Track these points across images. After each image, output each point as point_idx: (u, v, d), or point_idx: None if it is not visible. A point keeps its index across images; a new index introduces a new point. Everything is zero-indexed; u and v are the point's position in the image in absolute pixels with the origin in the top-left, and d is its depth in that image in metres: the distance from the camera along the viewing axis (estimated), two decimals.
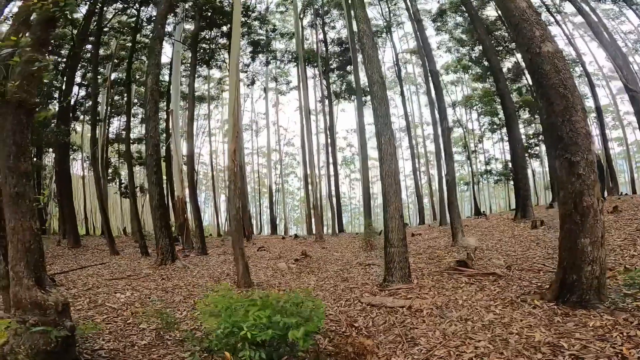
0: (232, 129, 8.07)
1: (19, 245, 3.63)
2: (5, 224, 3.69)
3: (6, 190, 3.53)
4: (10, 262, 3.76)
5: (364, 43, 7.55)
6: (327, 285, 7.84)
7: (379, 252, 12.32)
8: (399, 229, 6.55)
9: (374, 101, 7.13)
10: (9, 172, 3.44)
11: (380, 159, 6.82)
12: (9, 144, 3.44)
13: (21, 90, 3.44)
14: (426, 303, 5.24)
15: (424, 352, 3.87)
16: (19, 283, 3.68)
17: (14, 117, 3.47)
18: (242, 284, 7.86)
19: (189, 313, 6.44)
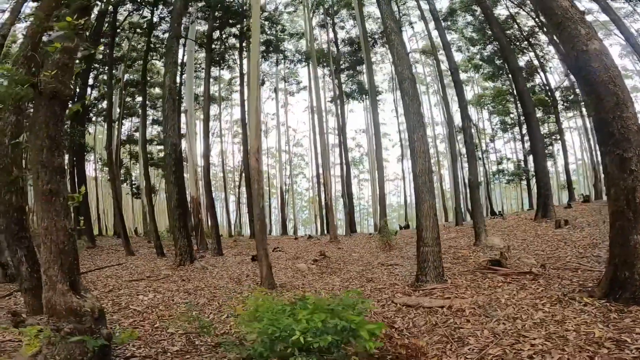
0: (254, 127, 7.96)
1: (52, 246, 3.44)
2: (39, 223, 3.51)
3: (39, 187, 3.35)
4: (43, 265, 3.59)
5: (392, 39, 7.42)
6: (353, 286, 7.68)
7: (397, 252, 12.17)
8: (433, 227, 6.40)
9: (406, 98, 6.99)
10: (42, 168, 3.27)
11: (413, 157, 6.68)
12: (42, 137, 3.27)
13: (56, 80, 3.30)
14: (467, 302, 5.09)
15: (476, 352, 3.73)
16: (52, 288, 3.51)
17: (47, 108, 3.31)
18: (265, 285, 7.72)
19: (215, 316, 6.31)
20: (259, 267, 8.13)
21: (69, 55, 3.49)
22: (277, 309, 3.55)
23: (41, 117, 3.27)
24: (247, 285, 8.46)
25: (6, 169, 5.66)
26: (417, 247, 6.62)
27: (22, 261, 5.98)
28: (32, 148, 3.28)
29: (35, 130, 3.29)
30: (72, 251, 3.51)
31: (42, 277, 3.50)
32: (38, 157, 3.26)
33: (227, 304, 6.99)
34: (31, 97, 3.30)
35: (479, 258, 8.83)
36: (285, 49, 27.56)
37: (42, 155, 3.27)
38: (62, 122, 3.48)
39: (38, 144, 3.27)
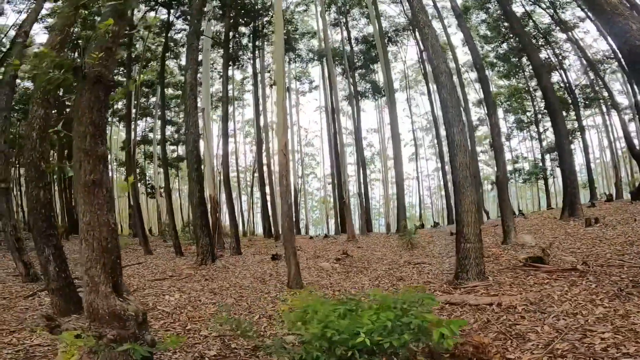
0: (281, 123, 7.76)
1: (94, 243, 3.19)
2: (79, 218, 3.29)
3: (80, 177, 3.14)
4: (85, 265, 3.31)
5: (425, 33, 7.20)
6: (384, 285, 7.45)
7: (420, 251, 11.90)
8: (475, 223, 6.14)
9: (443, 91, 6.77)
10: (85, 156, 3.07)
11: (452, 150, 6.45)
12: (85, 123, 3.07)
13: (100, 64, 3.11)
14: (517, 299, 4.86)
15: (542, 347, 3.55)
16: (94, 290, 3.24)
17: (91, 92, 3.12)
18: (293, 285, 7.51)
19: (246, 317, 6.10)
20: (286, 266, 7.92)
21: (113, 38, 3.30)
22: (329, 309, 3.31)
23: (84, 102, 3.08)
24: (274, 285, 8.27)
25: (34, 163, 5.52)
26: (457, 243, 6.37)
27: (50, 260, 5.83)
28: (75, 135, 3.08)
29: (78, 116, 3.09)
30: (115, 249, 3.29)
31: (84, 277, 3.25)
32: (81, 145, 3.06)
33: (257, 304, 6.80)
34: (70, 82, 3.11)
35: (511, 256, 8.54)
36: (299, 48, 27.42)
37: (85, 142, 3.06)
38: (106, 109, 3.29)
39: (81, 130, 3.07)
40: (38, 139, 5.48)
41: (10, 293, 7.82)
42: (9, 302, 7.04)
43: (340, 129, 18.84)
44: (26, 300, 7.19)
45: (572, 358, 3.26)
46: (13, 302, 7.09)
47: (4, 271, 9.90)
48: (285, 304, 6.41)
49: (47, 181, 5.63)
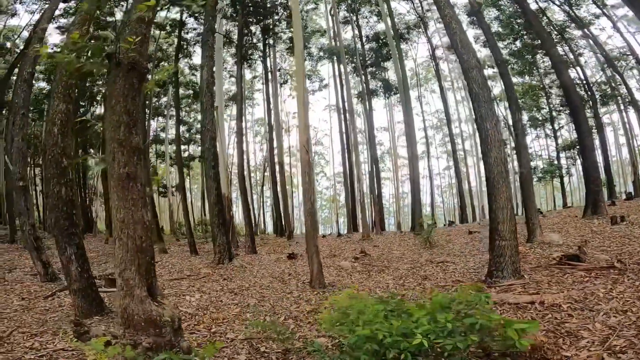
0: (302, 119, 7.57)
1: (129, 243, 2.98)
2: (112, 215, 3.10)
3: (114, 170, 2.97)
4: (118, 266, 3.12)
5: (452, 27, 6.99)
6: (410, 284, 7.23)
7: (439, 249, 11.65)
8: (511, 220, 5.90)
9: (474, 86, 6.55)
10: (119, 147, 2.88)
11: (485, 146, 6.24)
12: (119, 112, 2.90)
13: (134, 50, 2.94)
14: (560, 297, 4.65)
15: (597, 344, 3.41)
16: (129, 294, 3.04)
17: (125, 80, 2.95)
18: (316, 285, 7.33)
19: (271, 318, 5.91)
20: (306, 265, 7.73)
21: (146, 24, 3.14)
22: (374, 310, 3.10)
23: (118, 90, 2.91)
24: (295, 285, 8.09)
25: (55, 159, 5.39)
26: (491, 241, 6.14)
27: (72, 260, 5.68)
28: (108, 125, 2.91)
29: (111, 104, 2.92)
30: (149, 249, 3.11)
31: (117, 280, 3.06)
32: (114, 135, 2.88)
33: (280, 305, 6.62)
34: (101, 69, 2.95)
35: (539, 254, 8.28)
36: (309, 47, 27.22)
37: (119, 132, 2.89)
38: (140, 97, 3.11)
39: (114, 119, 2.90)
40: (59, 135, 5.35)
41: (29, 293, 7.73)
42: (28, 303, 6.94)
43: (354, 127, 18.62)
44: (46, 301, 7.08)
45: (632, 354, 3.13)
46: (32, 302, 6.99)
47: (21, 270, 9.83)
48: (322, 304, 6.23)
49: (68, 178, 5.49)
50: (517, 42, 27.78)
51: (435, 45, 32.48)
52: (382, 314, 3.08)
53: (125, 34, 3.02)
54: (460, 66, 19.91)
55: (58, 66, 5.58)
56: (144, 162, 3.29)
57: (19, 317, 5.96)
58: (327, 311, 4.03)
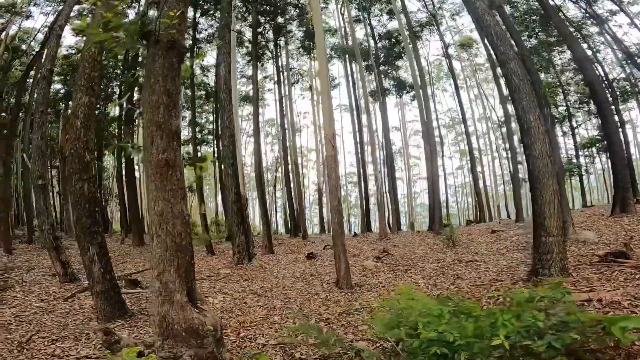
0: (327, 113, 7.31)
1: (167, 240, 2.67)
2: (149, 207, 2.80)
3: (152, 156, 2.68)
4: (156, 267, 2.78)
5: (486, 20, 6.73)
6: (442, 284, 6.91)
7: (464, 249, 11.29)
8: (558, 215, 5.57)
9: (514, 78, 6.27)
10: (157, 130, 2.62)
11: (528, 139, 5.95)
12: (159, 91, 2.65)
13: (173, 27, 2.70)
14: (618, 295, 4.33)
15: None
16: (168, 300, 2.71)
17: (165, 59, 2.71)
18: (344, 285, 7.04)
19: (300, 320, 5.64)
20: (335, 265, 7.45)
21: (184, 2, 2.88)
22: (438, 311, 2.82)
23: (158, 69, 2.66)
24: (319, 286, 7.81)
25: (78, 154, 5.18)
26: (536, 237, 5.82)
27: (94, 260, 5.44)
28: (146, 107, 2.65)
29: (150, 84, 2.68)
30: (189, 247, 2.81)
31: (155, 284, 2.75)
32: (153, 117, 2.62)
33: (307, 306, 6.34)
34: (137, 48, 2.71)
35: (575, 252, 7.92)
36: None
37: (158, 114, 2.62)
38: (179, 78, 2.86)
39: (154, 100, 2.64)
40: (82, 128, 5.14)
41: (48, 294, 7.56)
42: (47, 305, 6.75)
43: (370, 125, 18.33)
44: (65, 303, 6.88)
45: None
46: (52, 304, 6.79)
47: (39, 271, 9.70)
48: (352, 305, 5.95)
49: (91, 174, 5.28)
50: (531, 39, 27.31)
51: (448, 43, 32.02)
52: (448, 314, 2.79)
53: (163, 12, 2.77)
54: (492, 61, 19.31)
55: (81, 56, 5.39)
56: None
57: (39, 320, 5.76)
58: (380, 313, 3.74)
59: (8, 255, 11.49)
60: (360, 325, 5.13)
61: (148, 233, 20.96)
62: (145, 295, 7.30)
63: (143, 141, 2.69)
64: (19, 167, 18.82)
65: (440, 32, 30.32)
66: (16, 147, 18.33)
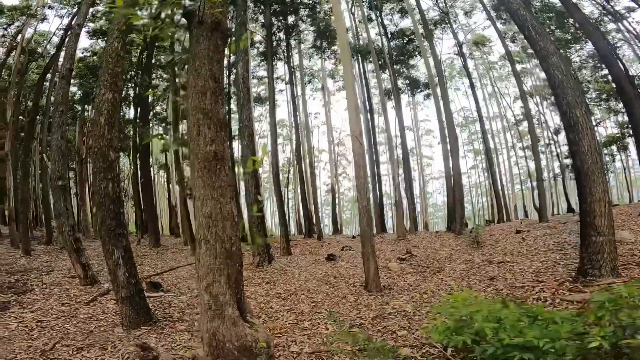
0: (353, 109, 7.04)
1: (217, 246, 2.40)
2: (195, 207, 2.52)
3: (199, 148, 2.41)
4: (204, 278, 2.48)
5: (522, 14, 6.54)
6: (478, 286, 6.60)
7: (489, 249, 10.91)
8: (609, 214, 5.25)
9: (557, 73, 6.04)
10: (204, 119, 2.35)
11: (575, 134, 5.67)
12: (205, 76, 2.41)
13: (217, 6, 2.46)
14: None
15: None
16: (219, 314, 2.42)
17: (209, 40, 2.49)
18: (373, 288, 6.77)
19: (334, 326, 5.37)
20: (363, 267, 7.18)
21: None
22: (514, 316, 2.54)
23: (203, 51, 2.43)
24: (346, 288, 7.55)
25: (102, 152, 4.98)
26: (584, 236, 5.51)
27: (119, 264, 5.23)
28: (192, 92, 2.42)
29: (195, 67, 2.44)
30: (239, 254, 2.53)
31: (202, 297, 2.45)
32: (199, 104, 2.37)
33: (337, 311, 6.07)
34: (177, 32, 2.47)
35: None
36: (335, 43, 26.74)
37: (204, 100, 2.37)
38: (223, 62, 2.62)
39: (200, 85, 2.40)
40: (106, 126, 4.94)
41: (69, 297, 7.39)
42: (69, 309, 6.57)
43: (388, 124, 18.02)
44: (88, 307, 6.69)
45: None
46: (74, 308, 6.61)
47: (59, 272, 9.56)
48: (384, 309, 5.67)
49: (116, 173, 5.08)
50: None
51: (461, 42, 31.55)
52: (525, 319, 2.52)
53: None
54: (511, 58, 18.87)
55: (104, 53, 5.21)
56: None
57: (61, 326, 5.56)
58: (438, 319, 3.46)
59: (27, 257, 11.42)
60: (399, 330, 4.85)
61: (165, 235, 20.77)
62: (167, 299, 7.11)
63: (187, 132, 2.44)
64: (36, 169, 18.91)
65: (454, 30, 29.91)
66: (34, 149, 18.40)
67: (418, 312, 5.57)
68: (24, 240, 11.84)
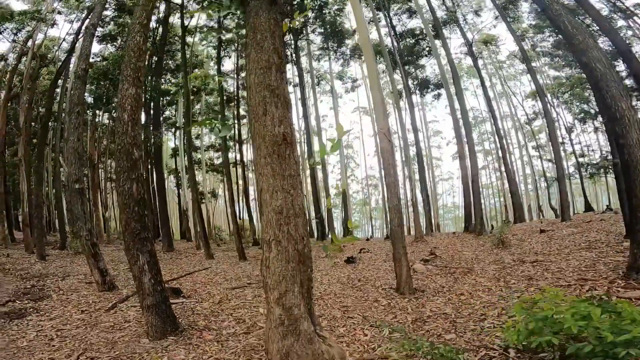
0: (380, 108, 6.76)
1: (289, 248, 2.12)
2: (262, 201, 2.17)
3: (265, 129, 2.07)
4: (275, 287, 2.17)
5: (555, 9, 6.32)
6: (517, 286, 6.24)
7: (516, 249, 10.54)
8: None
9: (598, 66, 5.83)
10: (271, 96, 2.05)
11: (621, 127, 5.41)
12: (268, 49, 2.14)
13: None
14: None
15: None
16: (292, 330, 2.11)
17: (269, 13, 2.24)
18: (405, 291, 6.44)
19: (373, 334, 5.04)
20: (395, 269, 6.88)
21: None
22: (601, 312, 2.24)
23: (264, 24, 2.18)
24: (375, 292, 7.23)
25: (125, 150, 4.71)
26: (636, 232, 5.18)
27: (144, 270, 4.90)
28: (254, 67, 2.14)
29: (257, 40, 2.18)
30: (310, 257, 2.21)
31: (273, 310, 2.12)
32: (265, 79, 2.09)
33: (370, 315, 5.74)
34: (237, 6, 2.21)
35: None
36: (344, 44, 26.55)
37: (270, 75, 2.10)
38: (283, 39, 2.35)
39: (264, 59, 2.13)
40: (130, 122, 4.69)
41: (88, 304, 7.13)
42: (89, 317, 6.29)
43: (403, 125, 17.74)
44: (108, 314, 6.42)
45: None
46: (94, 316, 6.34)
47: (75, 278, 9.34)
48: (422, 312, 5.34)
49: (140, 173, 4.81)
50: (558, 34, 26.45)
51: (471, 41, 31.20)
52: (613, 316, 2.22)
53: None
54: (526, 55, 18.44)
55: (127, 47, 4.96)
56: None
57: (83, 336, 5.27)
58: (518, 320, 3.14)
59: (42, 262, 11.23)
60: (445, 334, 4.53)
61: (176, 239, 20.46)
62: (189, 306, 6.83)
63: (250, 112, 2.15)
64: (49, 174, 18.83)
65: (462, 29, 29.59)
66: (46, 155, 18.31)
67: (460, 314, 5.24)
68: (39, 245, 11.66)
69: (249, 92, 2.23)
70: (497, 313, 5.00)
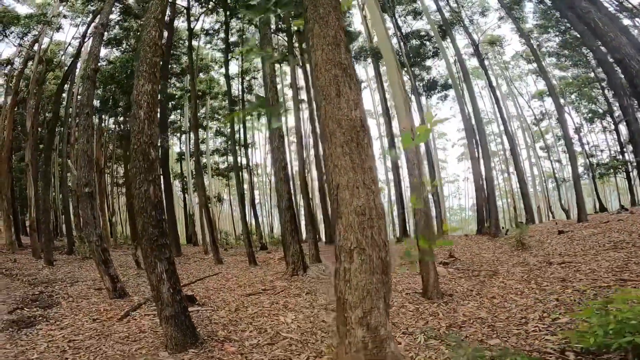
0: (402, 105, 6.50)
1: (374, 256, 1.87)
2: (338, 199, 1.85)
3: (341, 112, 1.74)
4: (359, 304, 1.89)
5: (584, 7, 6.04)
6: (552, 288, 5.92)
7: (537, 250, 10.25)
8: None
9: (633, 63, 5.81)
10: (344, 76, 1.74)
11: None
12: (334, 25, 1.89)
13: None
14: None
15: None
16: (378, 353, 1.83)
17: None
18: (433, 295, 6.15)
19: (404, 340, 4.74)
20: (420, 273, 6.56)
21: None
22: None
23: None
24: (399, 297, 6.89)
25: (142, 149, 4.44)
26: None
27: (163, 279, 4.61)
28: (321, 43, 1.89)
29: (319, 14, 2.00)
30: (390, 266, 1.92)
31: (355, 332, 1.77)
32: (335, 57, 1.84)
33: (399, 321, 5.43)
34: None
35: None
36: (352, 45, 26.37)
37: (339, 52, 1.87)
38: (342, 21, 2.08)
39: (331, 35, 1.95)
40: (146, 120, 4.43)
41: (99, 312, 6.84)
42: (102, 326, 5.99)
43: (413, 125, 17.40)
44: (121, 324, 6.12)
45: None
46: (106, 325, 6.03)
47: (84, 284, 9.07)
48: (454, 317, 5.03)
49: (157, 174, 4.54)
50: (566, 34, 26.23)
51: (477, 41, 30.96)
52: None
53: None
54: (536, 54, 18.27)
55: (142, 41, 4.72)
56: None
57: (97, 348, 4.96)
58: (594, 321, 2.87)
59: (50, 267, 10.99)
60: (487, 339, 4.23)
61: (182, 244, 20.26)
62: (205, 314, 6.53)
63: (319, 93, 1.85)
64: (56, 179, 18.67)
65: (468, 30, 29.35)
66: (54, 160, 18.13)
67: (497, 318, 4.95)
68: (47, 250, 11.43)
69: (316, 70, 1.95)
70: (539, 316, 4.70)
